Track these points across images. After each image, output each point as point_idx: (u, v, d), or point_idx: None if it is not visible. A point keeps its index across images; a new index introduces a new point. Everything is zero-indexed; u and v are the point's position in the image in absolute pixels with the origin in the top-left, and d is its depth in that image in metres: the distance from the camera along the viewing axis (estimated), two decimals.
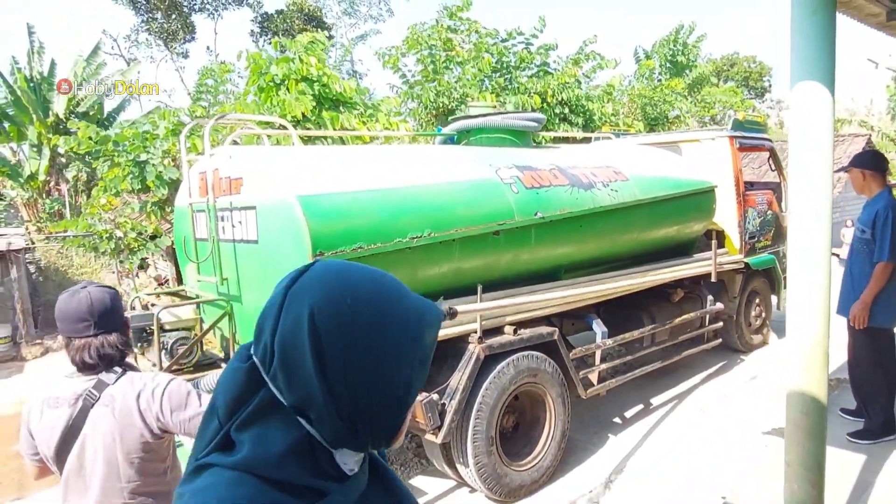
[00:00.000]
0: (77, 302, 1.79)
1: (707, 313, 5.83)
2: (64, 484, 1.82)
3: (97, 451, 1.78)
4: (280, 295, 0.76)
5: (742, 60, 34.35)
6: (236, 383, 0.75)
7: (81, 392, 1.80)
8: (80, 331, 1.79)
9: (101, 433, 1.78)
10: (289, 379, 0.73)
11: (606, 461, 4.50)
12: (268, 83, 6.27)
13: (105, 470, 1.79)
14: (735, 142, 6.29)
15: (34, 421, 1.82)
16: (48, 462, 1.83)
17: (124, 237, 7.00)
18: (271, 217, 3.33)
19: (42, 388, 1.87)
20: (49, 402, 1.81)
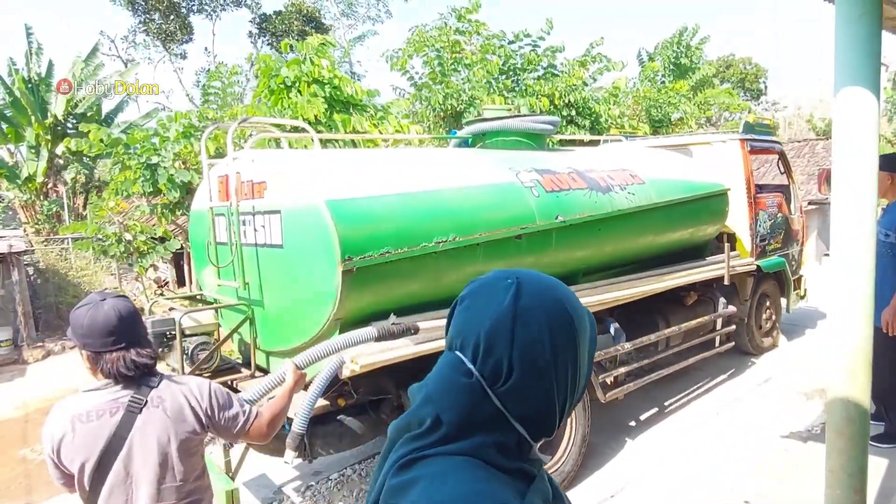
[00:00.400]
0: (104, 316, 1.81)
1: (720, 316, 5.84)
2: (108, 493, 1.81)
3: (148, 454, 1.82)
4: (509, 311, 0.78)
5: (738, 62, 34.47)
6: (466, 399, 0.78)
7: (123, 400, 1.82)
8: (110, 344, 1.81)
9: (153, 434, 1.82)
10: (525, 391, 0.77)
11: (625, 465, 4.49)
12: (278, 85, 6.24)
13: (158, 470, 1.83)
14: (746, 145, 6.31)
15: (66, 444, 1.78)
16: (83, 478, 1.80)
17: (134, 240, 6.96)
18: (298, 221, 3.30)
19: (63, 410, 1.83)
20: (80, 419, 1.79)
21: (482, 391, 0.77)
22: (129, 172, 6.13)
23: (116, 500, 1.82)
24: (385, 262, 3.24)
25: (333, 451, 3.96)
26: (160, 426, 1.83)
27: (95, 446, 1.78)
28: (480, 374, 0.78)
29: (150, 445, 1.82)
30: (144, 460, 1.82)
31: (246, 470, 4.20)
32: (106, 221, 7.15)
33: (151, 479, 1.83)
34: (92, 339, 1.81)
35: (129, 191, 6.33)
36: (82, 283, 12.89)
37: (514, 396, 0.77)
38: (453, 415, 0.77)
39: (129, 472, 1.82)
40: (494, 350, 0.77)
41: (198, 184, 6.32)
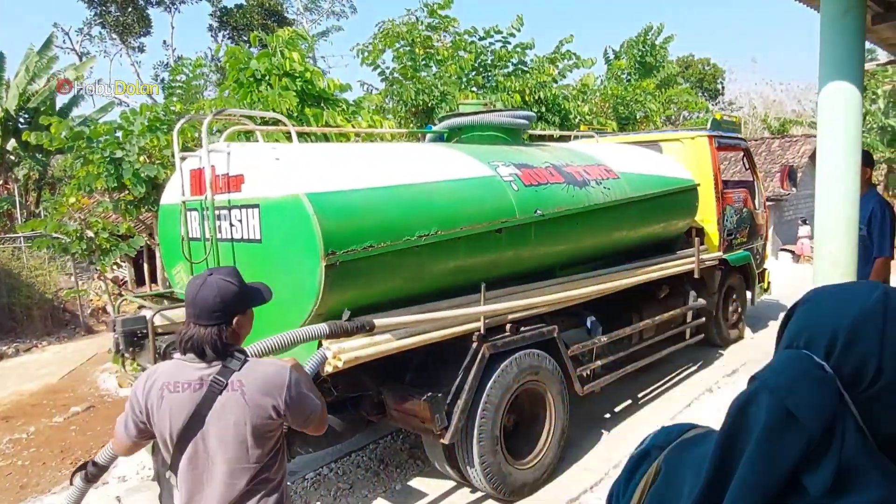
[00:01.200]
0: (202, 292, 1.88)
1: (691, 309, 5.96)
2: (185, 466, 1.89)
3: (225, 434, 1.86)
4: (878, 307, 0.70)
5: (697, 63, 35.30)
6: (825, 400, 0.68)
7: (207, 378, 1.87)
8: (214, 319, 1.88)
9: (230, 417, 1.85)
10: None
11: (603, 457, 4.54)
12: (248, 78, 6.09)
13: (233, 451, 1.87)
14: (714, 141, 6.45)
15: (155, 409, 1.88)
16: (168, 443, 1.89)
17: (95, 237, 6.69)
18: (277, 215, 3.22)
19: (157, 375, 1.92)
20: (169, 388, 1.87)
21: (838, 393, 0.68)
22: (92, 167, 5.89)
23: (193, 472, 1.89)
24: (368, 256, 3.19)
25: (312, 450, 3.90)
26: (238, 409, 1.86)
27: (179, 418, 1.85)
28: (836, 372, 0.68)
29: (226, 426, 1.86)
30: (220, 440, 1.86)
31: None
32: (66, 218, 6.86)
33: (226, 458, 1.87)
34: (190, 309, 1.91)
35: (91, 186, 6.08)
36: (36, 283, 12.41)
37: (882, 404, 0.67)
38: (815, 413, 0.67)
39: (206, 448, 1.87)
40: (857, 346, 0.68)
41: (165, 178, 6.13)
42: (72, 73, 15.72)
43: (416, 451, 4.72)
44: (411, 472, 4.54)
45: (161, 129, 6.13)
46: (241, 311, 1.96)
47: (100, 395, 8.34)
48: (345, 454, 4.78)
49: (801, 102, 35.31)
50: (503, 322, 3.98)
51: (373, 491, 4.26)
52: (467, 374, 3.62)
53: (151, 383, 1.90)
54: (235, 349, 1.96)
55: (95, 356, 10.13)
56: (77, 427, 7.25)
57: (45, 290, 12.41)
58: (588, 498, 4.01)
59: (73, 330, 12.20)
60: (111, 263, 7.51)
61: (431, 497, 4.16)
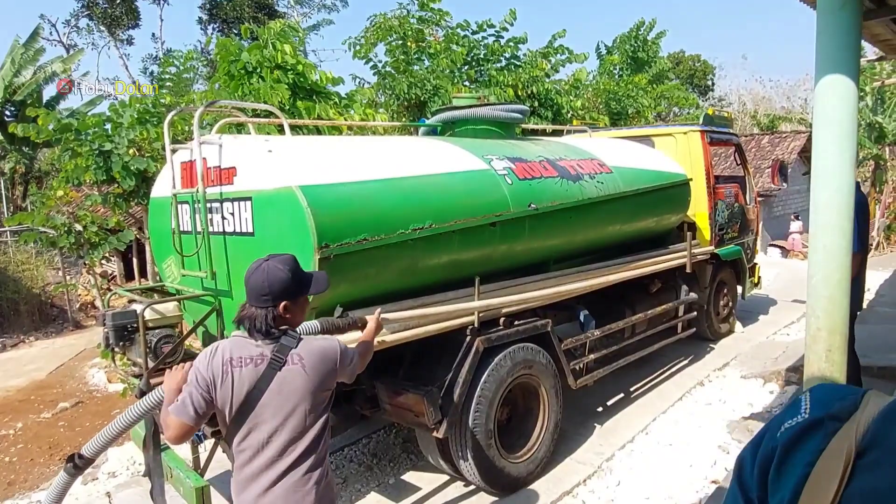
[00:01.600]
0: (258, 275, 2.05)
1: (682, 303, 5.98)
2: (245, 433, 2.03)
3: (284, 405, 2.02)
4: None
5: (688, 59, 35.44)
6: None
7: (266, 355, 2.03)
8: (262, 301, 2.03)
9: (289, 389, 2.02)
10: None
11: (595, 450, 4.55)
12: (239, 71, 6.03)
13: (292, 423, 2.03)
14: (706, 136, 6.47)
15: (219, 383, 2.00)
16: (227, 415, 2.03)
17: (84, 231, 6.60)
18: (270, 208, 3.19)
19: (222, 351, 2.04)
20: (233, 362, 2.01)
21: None
22: (81, 160, 5.80)
23: (252, 441, 2.03)
24: (362, 249, 3.17)
25: None
26: (297, 382, 2.03)
27: (241, 391, 2.00)
28: None
29: (286, 399, 2.02)
30: (280, 410, 2.02)
31: (211, 467, 4.06)
32: (54, 211, 6.76)
33: (284, 429, 2.03)
34: (248, 292, 2.07)
35: (80, 179, 6.00)
36: (23, 278, 12.26)
37: None
38: None
39: (266, 419, 2.02)
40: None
41: (155, 172, 6.06)
42: (59, 66, 15.51)
43: (409, 445, 4.71)
44: (404, 467, 4.53)
45: (151, 122, 6.05)
46: (290, 298, 2.08)
47: (88, 391, 8.27)
48: (338, 448, 4.76)
49: (790, 99, 35.57)
50: (497, 316, 3.97)
51: (366, 485, 4.25)
52: (461, 368, 3.61)
53: (216, 358, 2.03)
54: (287, 329, 2.10)
55: (84, 351, 10.04)
56: (65, 423, 7.18)
57: (33, 284, 12.27)
58: (581, 491, 4.02)
59: (61, 325, 12.08)
60: (100, 257, 7.42)
61: (425, 491, 4.15)
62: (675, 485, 4.00)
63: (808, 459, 0.69)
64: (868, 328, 6.69)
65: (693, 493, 3.88)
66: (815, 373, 2.36)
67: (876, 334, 6.20)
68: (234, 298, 3.61)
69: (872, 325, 6.78)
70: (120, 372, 4.14)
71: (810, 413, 0.74)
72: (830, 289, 2.34)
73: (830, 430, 0.70)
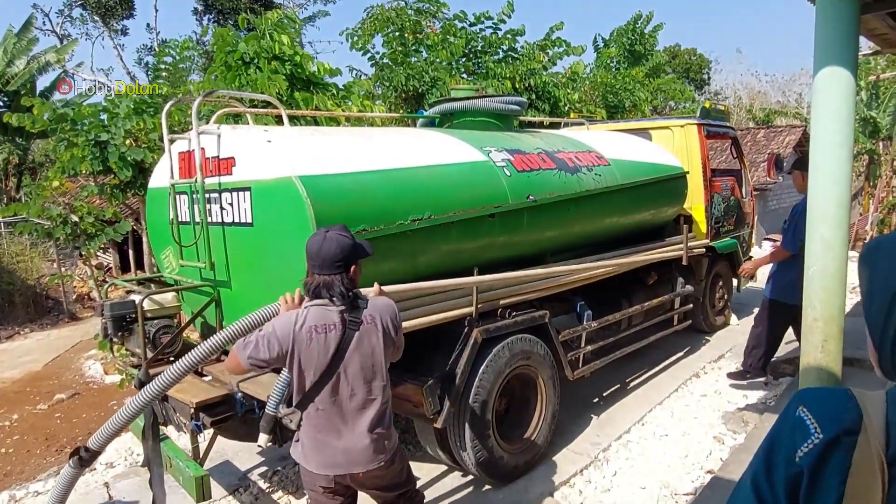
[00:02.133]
0: (329, 244, 2.25)
1: (678, 295, 6.02)
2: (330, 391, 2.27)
3: (364, 363, 2.29)
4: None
5: (684, 53, 35.43)
6: None
7: (345, 318, 2.27)
8: (335, 269, 2.26)
9: (367, 346, 2.29)
10: None
11: (592, 441, 4.59)
12: (236, 61, 6.00)
13: (371, 377, 2.31)
14: (703, 129, 6.48)
15: (303, 349, 2.23)
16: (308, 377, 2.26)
17: (81, 222, 6.57)
18: (270, 198, 3.19)
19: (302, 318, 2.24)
20: (318, 329, 2.23)
21: None
22: (77, 150, 5.77)
23: (337, 398, 2.28)
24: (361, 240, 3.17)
25: None
26: (373, 339, 2.30)
27: (325, 354, 2.23)
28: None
29: (366, 356, 2.29)
30: (361, 366, 2.28)
31: (209, 457, 4.08)
32: (50, 202, 6.72)
33: (365, 381, 2.30)
34: (315, 262, 2.26)
35: (76, 169, 5.97)
36: (18, 269, 12.21)
37: None
38: None
39: (348, 378, 2.27)
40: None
41: (152, 162, 6.03)
42: (53, 56, 15.39)
43: (407, 435, 4.73)
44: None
45: (147, 112, 6.02)
46: (355, 261, 2.34)
47: (85, 383, 8.26)
48: None
49: (785, 94, 35.66)
50: (495, 307, 3.99)
51: None
52: (459, 359, 3.63)
53: (302, 327, 2.22)
54: (356, 291, 2.35)
55: (80, 343, 10.01)
56: (62, 414, 7.17)
57: (27, 276, 12.22)
58: (578, 480, 4.05)
59: (57, 317, 12.04)
60: (97, 248, 7.39)
61: (423, 481, 4.17)
62: (670, 475, 4.04)
63: (839, 479, 0.73)
64: (861, 321, 6.74)
65: (689, 483, 3.92)
66: (812, 362, 2.39)
67: None
68: (233, 289, 3.62)
69: None
70: (118, 362, 4.15)
71: (823, 432, 0.77)
72: (827, 279, 2.36)
73: (849, 446, 0.74)
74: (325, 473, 2.35)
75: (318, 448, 2.33)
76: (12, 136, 14.44)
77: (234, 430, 3.56)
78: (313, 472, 2.37)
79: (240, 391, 3.38)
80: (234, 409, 3.37)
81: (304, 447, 2.37)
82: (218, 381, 3.62)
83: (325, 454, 2.33)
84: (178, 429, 3.67)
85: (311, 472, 2.38)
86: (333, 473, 2.35)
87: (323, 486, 2.40)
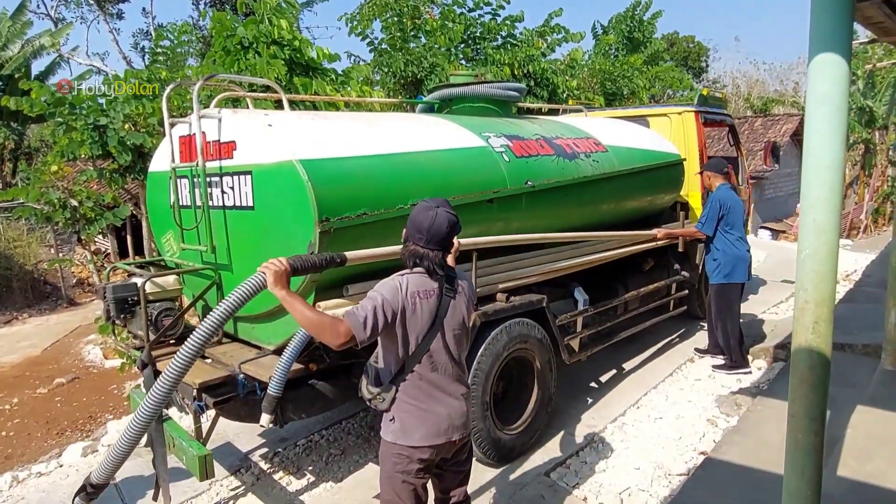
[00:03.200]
0: (441, 221, 2.29)
1: (674, 281, 6.08)
2: (430, 356, 2.34)
3: (457, 329, 2.41)
4: None
5: (682, 40, 35.32)
6: None
7: (439, 288, 2.35)
8: (442, 245, 2.32)
9: (459, 314, 2.41)
10: None
11: (588, 424, 4.66)
12: (234, 46, 5.99)
13: (461, 340, 2.45)
14: (700, 117, 6.51)
15: (410, 312, 2.28)
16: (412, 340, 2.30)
17: (80, 206, 6.58)
18: (271, 182, 3.22)
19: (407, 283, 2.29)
20: (420, 295, 2.30)
21: None
22: (76, 134, 5.77)
23: (436, 363, 2.36)
24: (362, 223, 3.21)
25: (305, 416, 3.93)
26: (463, 307, 2.44)
27: (426, 320, 2.31)
28: None
29: (458, 322, 2.41)
30: (454, 333, 2.39)
31: (210, 439, 4.14)
32: (49, 186, 6.73)
33: (456, 346, 2.42)
34: (422, 235, 2.30)
35: (75, 153, 5.96)
36: (15, 254, 12.21)
37: None
38: None
39: (444, 341, 2.37)
40: None
41: (151, 146, 6.04)
42: (47, 40, 15.27)
43: None
44: None
45: (147, 96, 6.02)
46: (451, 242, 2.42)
47: (84, 367, 8.31)
48: (336, 421, 4.85)
49: (783, 82, 35.64)
50: (494, 291, 4.04)
51: (364, 457, 4.34)
52: None
53: (406, 292, 2.27)
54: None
55: (79, 328, 10.06)
56: (62, 398, 7.23)
57: (25, 261, 12.23)
58: (574, 462, 4.13)
59: (55, 302, 12.08)
60: (96, 233, 7.40)
61: None
62: (664, 456, 4.12)
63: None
64: (855, 307, 6.83)
65: (682, 464, 4.00)
66: (803, 343, 2.44)
67: (862, 313, 6.34)
68: (234, 272, 3.65)
69: (859, 305, 6.92)
70: (120, 345, 4.19)
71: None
72: (819, 263, 2.41)
73: None
74: (429, 444, 2.34)
75: (423, 419, 2.34)
76: (7, 120, 14.36)
77: (235, 410, 3.61)
78: (417, 445, 2.33)
79: (241, 372, 3.44)
80: (237, 390, 3.43)
81: (402, 423, 2.34)
82: (219, 363, 3.67)
83: (429, 423, 2.34)
84: (180, 410, 3.73)
85: (412, 447, 2.34)
86: (439, 442, 2.36)
87: (422, 460, 2.36)
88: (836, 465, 3.38)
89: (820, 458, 2.49)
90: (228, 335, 3.95)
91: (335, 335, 2.16)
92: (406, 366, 2.33)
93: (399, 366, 2.34)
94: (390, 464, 2.40)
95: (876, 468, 3.33)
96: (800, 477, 2.47)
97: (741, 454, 3.79)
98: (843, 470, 3.34)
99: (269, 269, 2.31)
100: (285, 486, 4.02)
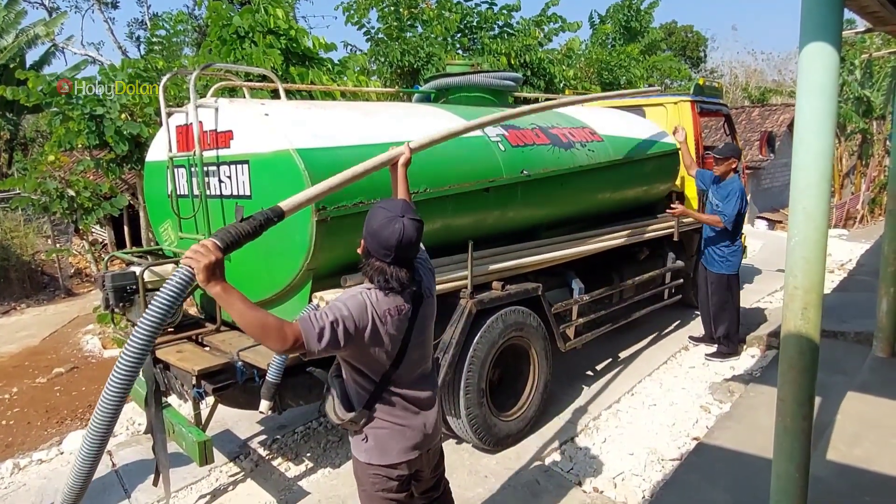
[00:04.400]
0: (409, 235, 2.01)
1: (669, 270, 6.12)
2: (407, 363, 2.19)
3: (427, 332, 2.30)
4: None
5: (680, 30, 35.20)
6: None
7: (411, 301, 2.16)
8: (403, 263, 2.07)
9: (429, 316, 2.30)
10: None
11: (583, 411, 4.72)
12: (230, 35, 5.98)
13: (427, 344, 2.32)
14: (696, 106, 6.53)
15: (380, 328, 2.06)
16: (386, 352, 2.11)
17: (77, 197, 6.59)
18: (268, 171, 3.24)
19: (371, 303, 2.06)
20: (391, 313, 2.09)
21: None
22: (73, 124, 5.77)
23: (410, 372, 2.22)
24: (359, 212, 3.24)
25: (303, 403, 3.98)
26: (432, 308, 2.32)
27: (400, 334, 2.13)
28: None
29: (428, 325, 2.30)
30: (426, 337, 2.29)
31: (209, 426, 4.18)
32: (46, 176, 6.73)
33: (425, 351, 2.31)
34: (389, 252, 2.02)
35: (72, 143, 5.96)
36: (12, 245, 12.20)
37: None
38: None
39: (418, 349, 2.23)
40: None
41: (148, 136, 6.04)
42: (42, 29, 15.18)
43: None
44: None
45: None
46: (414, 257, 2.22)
47: (83, 357, 8.33)
48: None
49: (781, 73, 35.60)
50: (490, 280, 4.08)
51: None
52: (454, 330, 3.72)
53: (375, 308, 2.05)
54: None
55: (77, 318, 10.06)
56: (61, 387, 7.25)
57: (22, 252, 12.21)
58: (569, 447, 4.18)
59: (53, 292, 12.07)
60: (94, 223, 7.41)
61: None
62: (658, 441, 4.18)
63: None
64: (848, 296, 6.88)
65: (675, 450, 4.06)
66: (792, 329, 2.48)
67: (855, 302, 6.40)
68: (231, 261, 3.67)
69: (852, 293, 6.98)
70: (119, 333, 4.22)
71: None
72: (808, 250, 2.45)
73: None
74: (406, 459, 2.20)
75: (399, 434, 2.19)
76: (3, 111, 14.31)
77: (234, 398, 3.64)
78: (394, 463, 2.19)
79: (240, 360, 3.47)
80: (235, 377, 3.46)
81: (378, 441, 2.18)
82: (218, 350, 3.71)
83: (406, 437, 2.20)
84: (179, 397, 3.76)
85: (388, 465, 2.19)
86: (415, 456, 2.21)
87: (401, 476, 2.22)
88: (826, 450, 3.43)
89: (808, 442, 2.54)
90: (227, 323, 3.98)
91: (280, 339, 1.83)
92: (381, 386, 2.14)
93: (373, 387, 2.14)
94: (369, 484, 2.25)
95: (864, 452, 3.39)
96: (788, 460, 2.52)
97: (733, 439, 3.85)
98: (832, 454, 3.39)
99: (193, 261, 1.77)
100: (284, 472, 4.08)
